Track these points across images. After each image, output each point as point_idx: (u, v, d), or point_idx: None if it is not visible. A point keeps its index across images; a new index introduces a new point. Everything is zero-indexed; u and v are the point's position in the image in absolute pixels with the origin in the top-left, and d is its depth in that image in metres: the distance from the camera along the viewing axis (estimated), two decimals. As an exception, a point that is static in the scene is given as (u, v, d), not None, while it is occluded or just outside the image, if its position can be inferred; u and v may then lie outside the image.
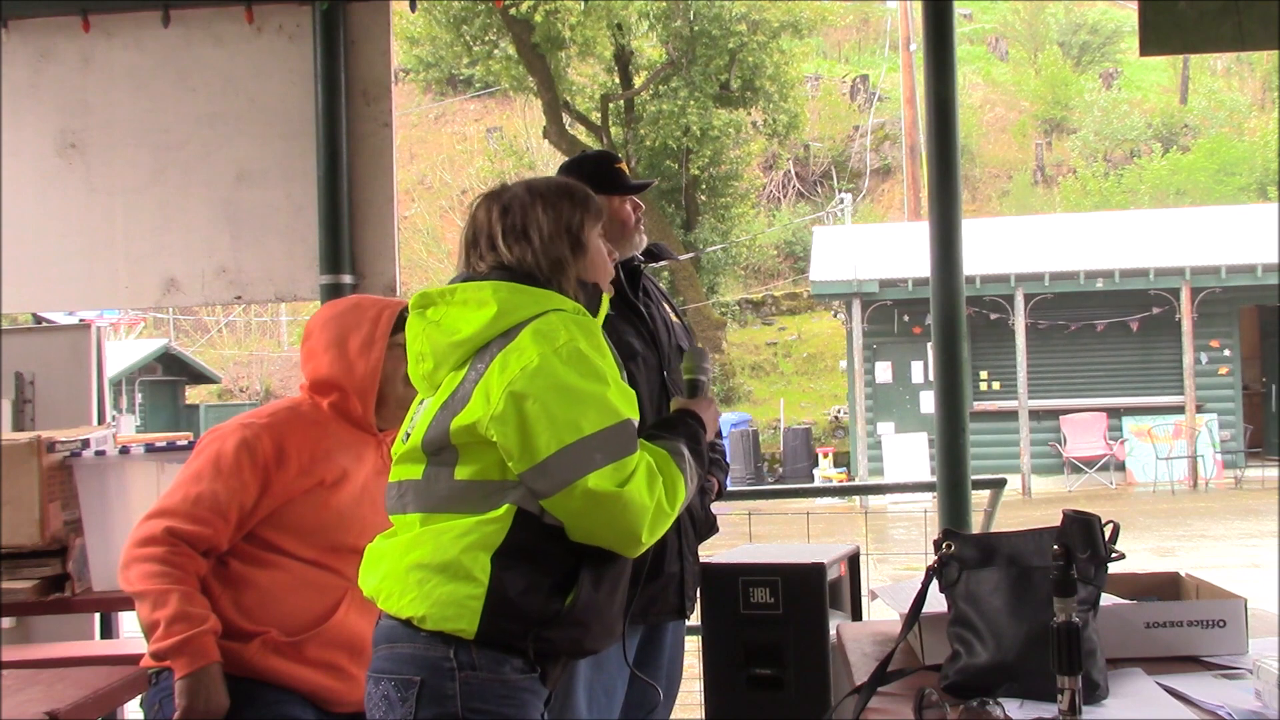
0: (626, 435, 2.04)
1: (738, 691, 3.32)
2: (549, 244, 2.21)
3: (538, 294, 2.15)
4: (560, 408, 2.00)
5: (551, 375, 2.02)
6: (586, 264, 2.25)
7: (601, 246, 2.29)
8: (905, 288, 18.16)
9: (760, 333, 26.43)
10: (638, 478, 2.01)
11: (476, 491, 2.07)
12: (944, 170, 3.96)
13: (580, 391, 2.02)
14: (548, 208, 2.24)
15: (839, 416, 21.94)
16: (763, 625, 3.29)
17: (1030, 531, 2.02)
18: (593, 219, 2.27)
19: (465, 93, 32.47)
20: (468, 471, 2.08)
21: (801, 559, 3.37)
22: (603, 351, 2.09)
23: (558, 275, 2.20)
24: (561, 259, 2.21)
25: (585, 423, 2.00)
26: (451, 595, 2.01)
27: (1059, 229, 20.34)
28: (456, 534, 2.04)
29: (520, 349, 2.05)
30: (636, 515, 2.01)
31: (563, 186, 2.30)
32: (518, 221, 2.23)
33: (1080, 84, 33.68)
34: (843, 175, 31.49)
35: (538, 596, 2.03)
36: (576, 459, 1.99)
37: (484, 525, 2.03)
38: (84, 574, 3.32)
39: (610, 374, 2.07)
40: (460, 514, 2.07)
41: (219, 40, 4.22)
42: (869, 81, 33.78)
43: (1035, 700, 1.86)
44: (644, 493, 2.01)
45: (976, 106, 32.65)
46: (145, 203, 4.23)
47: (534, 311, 2.10)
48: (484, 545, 2.03)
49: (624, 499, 1.99)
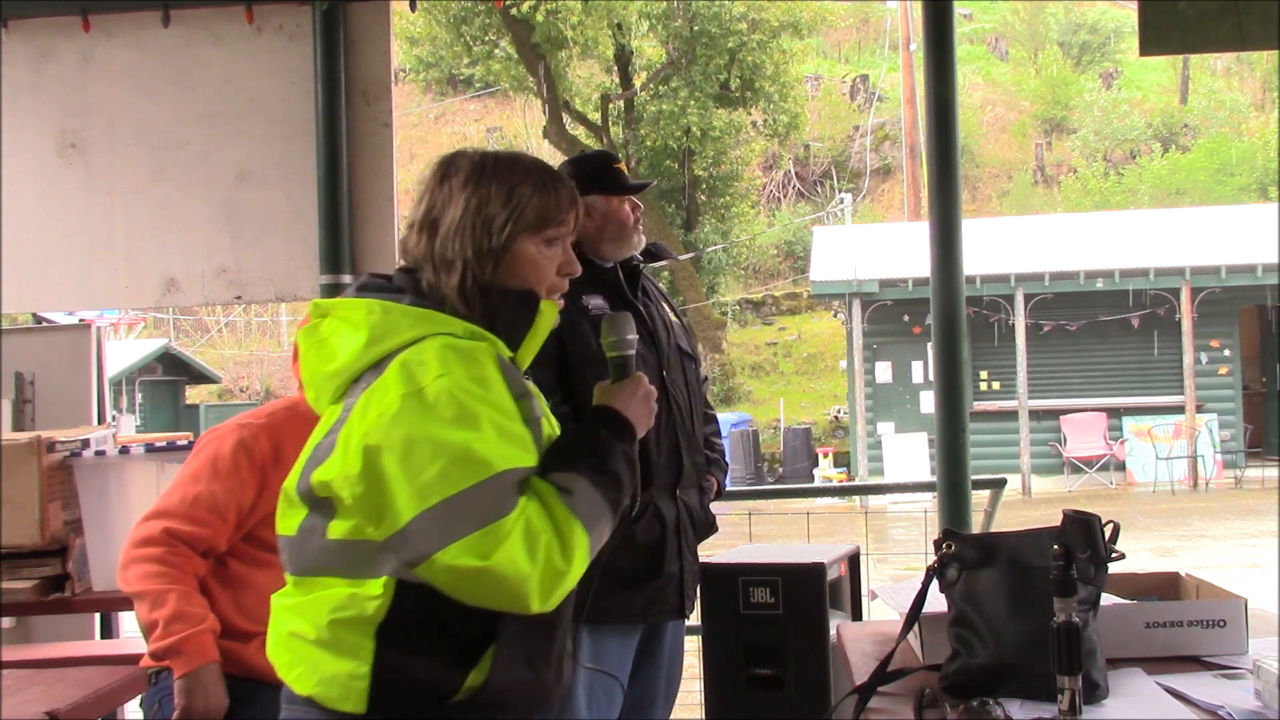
0: (497, 494, 1.68)
1: (738, 691, 3.32)
2: (449, 238, 1.83)
3: (417, 314, 1.79)
4: (420, 463, 1.67)
5: (410, 423, 1.68)
6: (509, 268, 1.85)
7: (547, 251, 1.88)
8: (905, 288, 18.16)
9: (760, 333, 26.44)
10: (510, 544, 1.66)
11: (351, 554, 1.75)
12: (944, 170, 3.96)
13: (442, 444, 1.67)
14: (478, 188, 1.85)
15: (839, 416, 21.94)
16: (763, 625, 3.29)
17: (1030, 531, 2.01)
18: (539, 213, 1.86)
19: (465, 93, 32.46)
20: (342, 529, 1.75)
21: (801, 559, 3.37)
22: (487, 384, 1.73)
23: (444, 278, 1.82)
24: (451, 260, 1.82)
25: (446, 483, 1.66)
26: (335, 674, 1.73)
27: (1059, 229, 20.34)
28: (332, 606, 1.74)
29: (384, 388, 1.72)
30: (515, 586, 1.67)
31: (513, 164, 1.90)
32: (436, 203, 1.86)
33: (1080, 84, 33.68)
34: (843, 175, 31.49)
35: (434, 670, 1.73)
36: (438, 527, 1.66)
37: (362, 599, 1.73)
38: (84, 574, 3.32)
39: (490, 415, 1.71)
40: (335, 579, 1.76)
41: (219, 40, 4.22)
42: (869, 81, 33.78)
43: (1035, 700, 1.86)
44: (520, 560, 1.66)
45: (976, 106, 32.65)
46: (145, 203, 4.23)
47: (408, 337, 1.76)
48: (364, 620, 1.72)
49: (491, 573, 1.65)
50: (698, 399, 3.19)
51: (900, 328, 19.06)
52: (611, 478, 1.80)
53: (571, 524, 1.72)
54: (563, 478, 1.76)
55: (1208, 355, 18.40)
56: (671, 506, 3.00)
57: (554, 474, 1.77)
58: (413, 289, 1.83)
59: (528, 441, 1.76)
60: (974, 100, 32.79)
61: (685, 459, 3.05)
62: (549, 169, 1.94)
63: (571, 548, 1.72)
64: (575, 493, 1.75)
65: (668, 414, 3.03)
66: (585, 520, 1.74)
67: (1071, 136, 32.41)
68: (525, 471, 1.73)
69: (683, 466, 3.05)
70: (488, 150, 1.93)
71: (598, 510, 1.77)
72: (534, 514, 1.71)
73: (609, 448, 1.83)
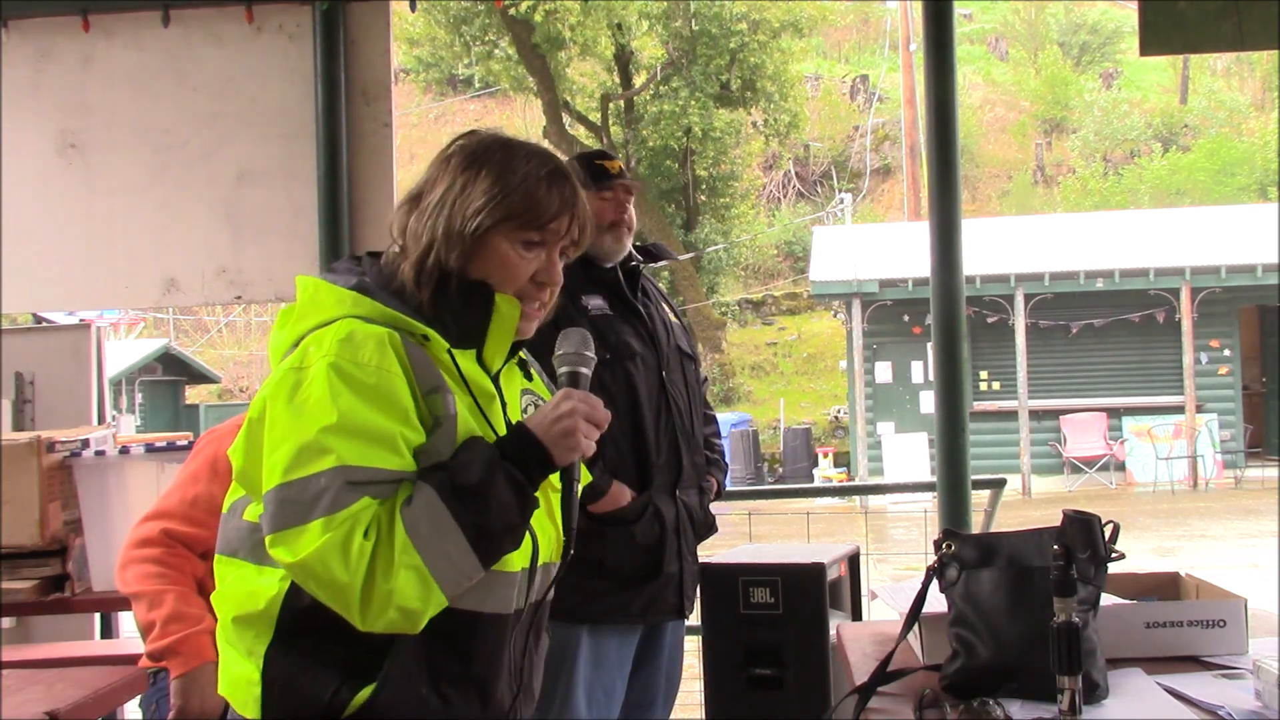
0: (329, 489, 1.52)
1: (738, 691, 3.32)
2: (426, 213, 1.74)
3: (341, 295, 1.68)
4: (276, 441, 1.57)
5: (281, 401, 1.59)
6: (477, 259, 1.72)
7: (524, 253, 1.74)
8: (905, 288, 18.16)
9: (760, 333, 26.44)
10: (325, 546, 1.50)
11: (257, 537, 1.62)
12: (944, 170, 3.96)
13: (297, 426, 1.56)
14: (469, 169, 1.74)
15: (839, 416, 21.95)
16: (763, 625, 3.29)
17: (1030, 531, 2.01)
18: (522, 210, 1.72)
19: (465, 93, 32.46)
20: (255, 510, 1.64)
21: (801, 559, 3.37)
22: (375, 372, 1.58)
23: (409, 254, 1.73)
24: (420, 236, 1.72)
25: (290, 466, 1.54)
26: (236, 677, 1.64)
27: (1059, 229, 20.35)
28: (240, 596, 1.65)
29: (280, 366, 1.65)
30: (336, 594, 1.52)
31: (515, 153, 1.76)
32: (430, 178, 1.77)
33: (1080, 84, 33.69)
34: (843, 175, 31.49)
35: (325, 682, 1.59)
36: (272, 510, 1.55)
37: (260, 595, 1.62)
38: (84, 574, 3.32)
39: (356, 407, 1.56)
40: (243, 563, 1.66)
41: (219, 40, 4.22)
42: (869, 81, 33.78)
43: (1035, 700, 1.86)
44: (333, 565, 1.50)
45: (976, 106, 32.65)
46: (145, 203, 4.23)
47: (325, 317, 1.66)
48: (258, 619, 1.62)
49: (306, 571, 1.52)
50: (697, 399, 3.20)
51: (900, 328, 19.06)
52: (475, 497, 1.57)
53: (399, 537, 1.54)
54: (416, 486, 1.58)
55: (1208, 355, 18.40)
56: (671, 507, 3.00)
57: (417, 482, 1.59)
58: (372, 269, 1.74)
59: (398, 442, 1.58)
60: (974, 100, 32.80)
61: (685, 459, 3.06)
62: (559, 171, 1.78)
63: (394, 565, 1.52)
64: (414, 503, 1.56)
65: (667, 415, 3.03)
66: (417, 536, 1.54)
67: (1071, 136, 32.42)
68: (380, 473, 1.56)
69: (682, 467, 3.05)
70: (502, 135, 1.80)
71: (441, 529, 1.55)
72: (368, 520, 1.54)
73: (488, 465, 1.60)
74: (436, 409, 1.62)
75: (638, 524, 2.93)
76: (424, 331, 1.66)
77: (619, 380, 2.96)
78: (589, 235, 1.82)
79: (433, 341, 1.66)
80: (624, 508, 2.91)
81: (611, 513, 2.90)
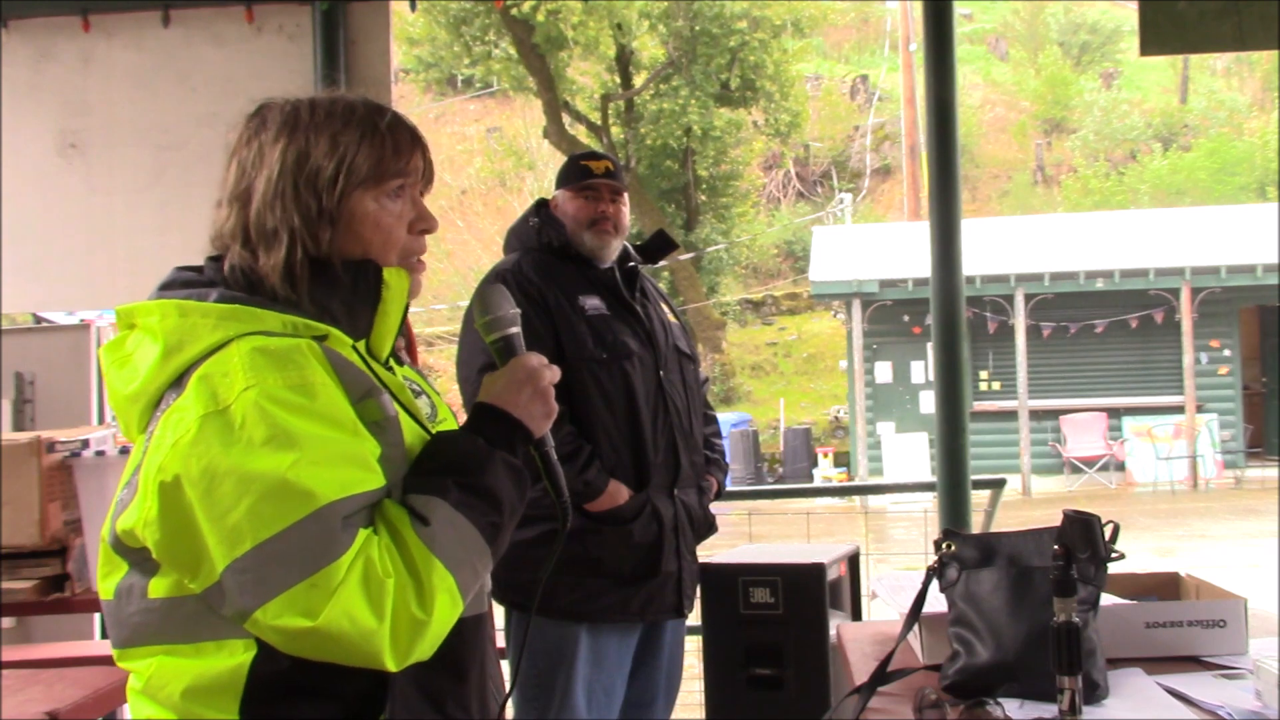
0: (323, 533, 1.33)
1: (738, 691, 3.32)
2: (266, 205, 1.50)
3: (220, 313, 1.44)
4: (226, 501, 1.33)
5: (211, 451, 1.34)
6: (347, 232, 1.52)
7: (392, 206, 1.56)
8: (905, 288, 18.16)
9: (760, 333, 26.43)
10: (345, 595, 1.32)
11: (177, 615, 1.41)
12: (944, 170, 3.96)
13: (250, 475, 1.32)
14: (293, 140, 1.53)
15: (839, 416, 21.94)
16: (763, 625, 3.29)
17: (1030, 531, 2.01)
18: (374, 160, 1.54)
19: (465, 93, 32.46)
20: (163, 586, 1.41)
21: (801, 559, 3.37)
22: (310, 391, 1.39)
23: (263, 256, 1.49)
24: (273, 230, 1.48)
25: (257, 524, 1.32)
26: None
27: (1059, 229, 20.34)
28: (180, 687, 1.40)
29: (181, 410, 1.38)
30: (359, 644, 1.34)
31: (332, 107, 1.59)
32: (246, 167, 1.55)
33: (1080, 84, 33.68)
34: (843, 175, 31.49)
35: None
36: (252, 580, 1.32)
37: (213, 670, 1.39)
38: (84, 574, 3.32)
39: (313, 431, 1.36)
40: (164, 648, 1.42)
41: (219, 40, 4.22)
42: (869, 81, 33.78)
43: (1035, 700, 1.86)
44: (360, 614, 1.33)
45: (976, 106, 32.65)
46: (145, 203, 4.23)
47: (210, 343, 1.42)
48: (223, 689, 1.39)
49: (325, 633, 1.32)
50: (696, 399, 3.20)
51: (900, 328, 19.06)
52: (484, 497, 1.45)
53: (430, 563, 1.38)
54: (420, 502, 1.42)
55: (1208, 355, 18.40)
56: (669, 505, 3.00)
57: (411, 497, 1.43)
58: (223, 280, 1.50)
59: (368, 458, 1.41)
60: (974, 100, 32.79)
61: (683, 458, 3.06)
62: (378, 107, 1.61)
63: (430, 592, 1.37)
64: (434, 522, 1.40)
65: (665, 414, 3.03)
66: (447, 557, 1.40)
67: (1071, 136, 32.41)
68: (365, 498, 1.38)
69: (680, 466, 3.05)
70: (289, 98, 1.61)
71: (466, 541, 1.42)
72: (377, 553, 1.36)
73: (482, 458, 1.47)
74: (373, 414, 1.45)
75: (635, 523, 2.93)
76: (324, 331, 1.47)
77: (616, 380, 2.96)
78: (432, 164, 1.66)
79: (335, 339, 1.48)
80: (621, 506, 2.91)
81: (609, 511, 2.90)
